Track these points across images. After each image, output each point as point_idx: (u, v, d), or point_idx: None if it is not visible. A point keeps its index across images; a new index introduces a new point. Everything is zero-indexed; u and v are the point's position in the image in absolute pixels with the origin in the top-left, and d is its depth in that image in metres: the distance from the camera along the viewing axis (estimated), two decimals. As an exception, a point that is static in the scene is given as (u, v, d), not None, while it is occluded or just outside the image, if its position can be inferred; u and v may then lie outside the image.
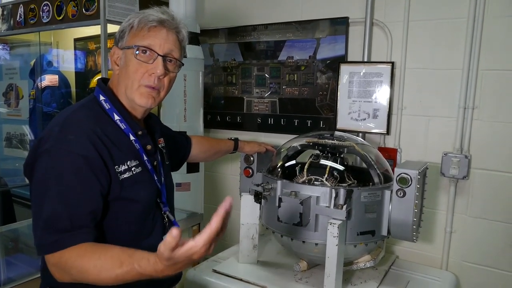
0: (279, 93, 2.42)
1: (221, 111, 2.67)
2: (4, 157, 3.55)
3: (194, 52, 2.29)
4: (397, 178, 1.60)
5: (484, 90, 1.90)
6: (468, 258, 2.01)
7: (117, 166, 1.15)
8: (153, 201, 1.27)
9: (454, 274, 1.98)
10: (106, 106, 1.22)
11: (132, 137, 1.22)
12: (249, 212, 1.87)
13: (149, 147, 1.28)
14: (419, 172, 1.58)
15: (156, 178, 1.28)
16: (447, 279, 1.91)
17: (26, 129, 3.42)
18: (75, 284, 1.09)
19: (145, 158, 1.25)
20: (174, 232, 0.88)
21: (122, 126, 1.22)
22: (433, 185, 2.03)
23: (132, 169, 1.19)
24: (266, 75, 2.46)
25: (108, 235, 1.18)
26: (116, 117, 1.22)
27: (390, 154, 2.09)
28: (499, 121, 1.88)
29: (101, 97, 1.23)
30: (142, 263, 0.96)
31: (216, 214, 0.90)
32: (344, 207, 1.56)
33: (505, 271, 1.92)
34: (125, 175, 1.17)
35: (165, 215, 1.32)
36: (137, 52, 1.18)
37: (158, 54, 1.19)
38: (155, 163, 1.30)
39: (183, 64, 1.29)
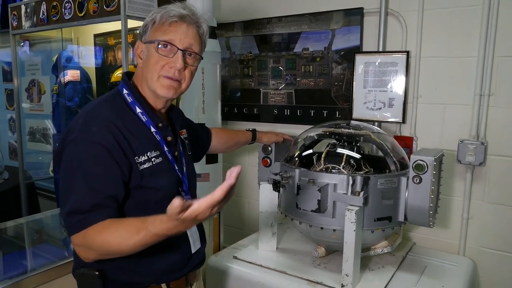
0: (295, 84, 2.46)
1: (238, 103, 2.72)
2: (28, 151, 3.67)
3: (211, 45, 2.33)
4: (413, 165, 1.63)
5: (500, 77, 1.91)
6: (486, 243, 2.03)
7: (137, 157, 1.21)
8: (174, 189, 1.32)
9: (471, 260, 2.00)
10: (129, 99, 1.28)
11: (153, 129, 1.28)
12: (267, 201, 1.92)
13: (169, 138, 1.33)
14: (435, 158, 1.60)
15: (177, 168, 1.33)
16: (464, 264, 1.94)
17: (49, 123, 3.53)
18: (102, 262, 1.17)
19: (165, 149, 1.30)
20: (176, 202, 0.95)
21: (144, 118, 1.27)
22: (449, 172, 2.05)
23: (152, 159, 1.25)
24: (281, 67, 2.50)
25: None
26: (138, 110, 1.27)
27: (406, 142, 2.11)
28: (515, 107, 1.89)
29: (125, 91, 1.29)
30: (156, 224, 1.04)
31: (221, 187, 0.98)
32: (361, 193, 1.60)
33: (522, 257, 1.95)
34: (145, 166, 1.23)
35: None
36: (159, 46, 1.24)
37: (178, 48, 1.24)
38: (176, 153, 1.36)
39: (202, 58, 1.34)
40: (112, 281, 1.24)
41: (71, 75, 3.25)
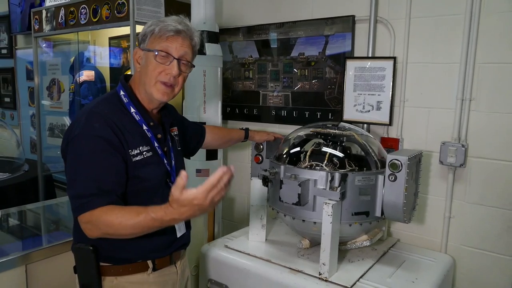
0: (291, 87, 2.60)
1: (239, 104, 2.87)
2: (48, 146, 3.91)
3: (213, 49, 2.49)
4: (389, 164, 1.75)
5: (481, 83, 2.00)
6: (466, 242, 2.12)
7: (130, 150, 1.38)
8: (163, 180, 1.49)
9: (451, 257, 2.10)
10: (125, 100, 1.45)
11: (145, 127, 1.45)
12: (257, 195, 2.06)
13: (159, 135, 1.50)
14: (409, 158, 1.72)
15: (166, 162, 1.50)
16: (442, 260, 2.03)
17: (67, 120, 3.76)
18: (99, 239, 1.34)
19: (156, 144, 1.47)
20: (183, 173, 1.15)
21: (137, 117, 1.44)
22: (433, 173, 2.16)
23: (144, 153, 1.41)
24: (281, 70, 2.64)
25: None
26: (132, 110, 1.44)
27: (392, 143, 2.22)
28: (495, 111, 1.98)
29: (121, 92, 1.47)
30: (155, 209, 1.21)
31: (215, 173, 1.14)
32: (338, 189, 1.72)
33: (501, 255, 2.03)
34: (137, 158, 1.40)
35: None
36: (156, 53, 1.40)
37: (174, 57, 1.41)
38: (165, 149, 1.52)
39: (193, 66, 1.50)
40: (103, 255, 1.42)
41: (86, 75, 3.48)
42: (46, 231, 2.11)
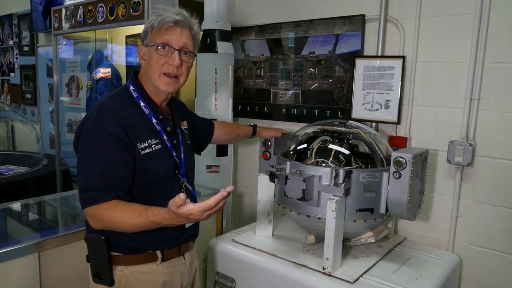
0: (301, 85, 2.63)
1: (250, 101, 2.91)
2: (66, 141, 4.02)
3: (224, 48, 2.55)
4: (394, 161, 1.77)
5: (490, 82, 2.00)
6: (473, 241, 2.12)
7: (139, 143, 1.43)
8: (171, 172, 1.54)
9: (457, 255, 2.10)
10: (134, 94, 1.51)
11: (154, 120, 1.50)
12: (265, 191, 2.10)
13: (168, 128, 1.55)
14: (413, 156, 1.73)
15: (175, 154, 1.55)
16: (448, 258, 2.04)
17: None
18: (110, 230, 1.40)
19: (165, 137, 1.52)
20: (181, 196, 1.20)
21: (146, 111, 1.50)
22: (440, 171, 2.17)
23: (152, 146, 1.47)
24: (291, 68, 2.68)
25: (133, 198, 1.47)
26: (142, 104, 1.50)
27: (400, 142, 2.24)
28: (503, 111, 1.98)
29: (131, 87, 1.52)
30: (154, 213, 1.28)
31: (215, 196, 1.21)
32: (342, 185, 1.75)
33: (508, 254, 2.02)
34: (146, 151, 1.45)
35: (183, 185, 1.58)
36: (158, 47, 1.45)
37: (174, 49, 1.46)
38: (174, 141, 1.57)
39: (196, 55, 1.55)
40: (115, 245, 1.48)
41: (102, 72, 3.57)
42: (62, 221, 2.19)
